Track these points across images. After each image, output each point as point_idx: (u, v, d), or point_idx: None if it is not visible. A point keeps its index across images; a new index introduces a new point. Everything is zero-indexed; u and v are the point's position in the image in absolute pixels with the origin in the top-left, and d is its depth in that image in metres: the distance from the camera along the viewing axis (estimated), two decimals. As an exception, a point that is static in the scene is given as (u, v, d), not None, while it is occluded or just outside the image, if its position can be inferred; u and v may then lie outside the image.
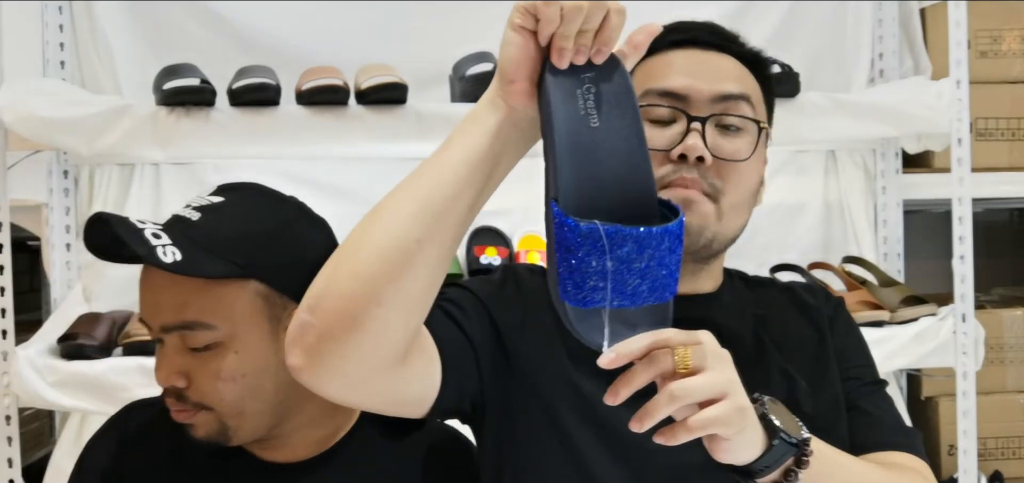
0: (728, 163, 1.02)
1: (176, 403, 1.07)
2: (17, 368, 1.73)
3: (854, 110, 2.03)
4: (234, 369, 1.05)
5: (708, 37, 1.09)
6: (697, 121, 1.01)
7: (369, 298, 0.83)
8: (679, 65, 1.06)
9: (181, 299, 1.04)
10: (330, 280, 0.86)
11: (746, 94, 1.05)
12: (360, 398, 0.93)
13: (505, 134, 0.86)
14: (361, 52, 2.01)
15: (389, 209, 0.86)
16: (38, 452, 2.42)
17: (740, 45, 1.10)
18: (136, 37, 2.07)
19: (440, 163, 0.86)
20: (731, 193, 1.03)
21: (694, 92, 1.03)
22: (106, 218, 1.02)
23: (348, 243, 0.87)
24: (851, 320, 1.18)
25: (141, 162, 2.00)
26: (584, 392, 1.01)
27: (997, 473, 2.16)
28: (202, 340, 1.04)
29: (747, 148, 1.04)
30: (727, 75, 1.06)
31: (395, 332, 0.86)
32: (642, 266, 0.77)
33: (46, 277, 2.02)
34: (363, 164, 2.00)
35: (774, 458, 0.85)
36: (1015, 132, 2.21)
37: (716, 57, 1.08)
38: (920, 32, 2.24)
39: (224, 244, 1.05)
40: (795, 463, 0.86)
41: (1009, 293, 2.56)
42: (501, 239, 2.08)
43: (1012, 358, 2.23)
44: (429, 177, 0.86)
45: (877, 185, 2.19)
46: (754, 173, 1.07)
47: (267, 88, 1.86)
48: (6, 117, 1.79)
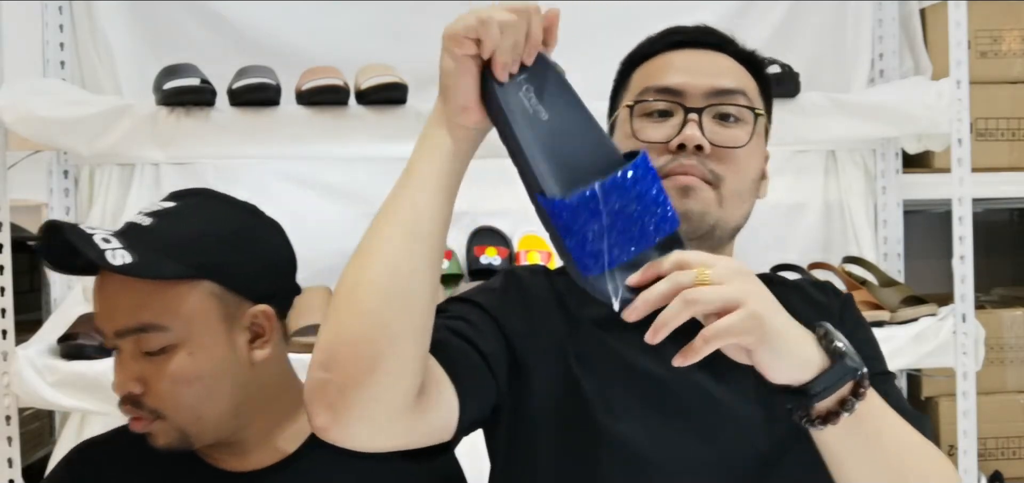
0: (727, 150, 1.04)
1: (133, 410, 1.06)
2: (17, 368, 1.73)
3: (854, 110, 2.03)
4: (190, 371, 1.05)
5: (705, 38, 1.11)
6: (693, 112, 1.03)
7: (382, 336, 0.84)
8: (676, 64, 1.08)
9: (134, 302, 1.04)
10: (338, 330, 0.86)
11: (742, 88, 1.07)
12: (390, 439, 0.91)
13: (463, 151, 0.91)
14: (361, 52, 2.01)
15: (378, 247, 0.88)
16: (38, 452, 2.42)
17: (736, 46, 1.12)
18: (136, 37, 2.07)
19: (414, 191, 0.89)
20: (731, 180, 1.04)
21: (690, 87, 1.05)
22: (58, 226, 1.02)
23: (345, 290, 0.87)
24: (860, 315, 1.19)
25: (141, 162, 2.00)
26: None
27: (997, 473, 2.16)
28: (156, 343, 1.04)
29: (745, 135, 1.05)
30: (723, 71, 1.08)
31: (412, 360, 0.87)
32: (637, 208, 0.82)
33: (46, 277, 2.03)
34: (363, 164, 2.00)
35: (832, 380, 0.83)
36: (1015, 132, 2.21)
37: (713, 55, 1.09)
38: (920, 32, 2.23)
39: (176, 247, 1.05)
40: (853, 391, 0.84)
41: (1009, 293, 2.56)
42: (501, 239, 2.08)
43: (1012, 358, 2.23)
44: (407, 207, 0.88)
45: (877, 185, 2.19)
46: (754, 162, 1.08)
47: (267, 88, 1.86)
48: (6, 117, 1.79)
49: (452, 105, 0.88)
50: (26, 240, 2.00)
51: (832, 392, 0.84)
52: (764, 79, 1.13)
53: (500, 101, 0.86)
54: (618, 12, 2.03)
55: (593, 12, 2.02)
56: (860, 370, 0.84)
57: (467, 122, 0.89)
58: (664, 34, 1.12)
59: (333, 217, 2.03)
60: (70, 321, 1.84)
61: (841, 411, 0.84)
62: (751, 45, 1.14)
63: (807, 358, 0.84)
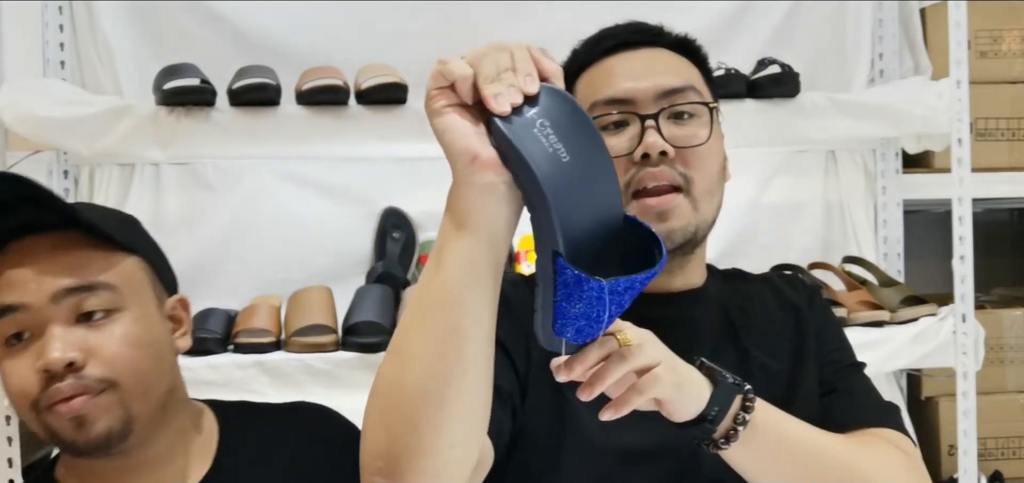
0: (690, 150, 1.04)
1: (74, 385, 0.95)
2: (17, 368, 1.73)
3: (854, 110, 2.03)
4: (136, 335, 0.99)
5: (637, 36, 1.11)
6: (649, 119, 1.03)
7: (439, 439, 0.79)
8: (618, 70, 1.08)
9: (76, 261, 0.98)
10: (391, 439, 0.80)
11: (689, 83, 1.07)
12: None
13: (492, 213, 0.77)
14: (361, 52, 2.01)
15: (414, 353, 0.79)
16: (38, 452, 2.42)
17: (667, 35, 1.12)
18: (136, 37, 2.06)
19: (446, 289, 0.78)
20: (699, 179, 1.05)
21: (639, 93, 1.05)
22: (16, 178, 0.97)
23: (391, 399, 0.80)
24: (827, 306, 1.22)
25: (141, 162, 2.00)
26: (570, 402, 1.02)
27: (997, 473, 2.16)
28: (101, 303, 0.98)
29: (704, 130, 1.06)
30: (667, 69, 1.08)
31: (474, 441, 0.84)
32: (626, 301, 0.78)
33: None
34: (363, 164, 2.00)
35: (720, 400, 0.90)
36: (1015, 132, 2.21)
37: (649, 54, 1.09)
38: (920, 32, 2.23)
39: (112, 219, 1.03)
40: (742, 406, 0.91)
41: (1009, 293, 2.56)
42: (501, 239, 2.08)
43: (1012, 358, 2.23)
44: (441, 307, 0.78)
45: (877, 185, 2.19)
46: (716, 154, 1.08)
47: (267, 88, 1.86)
48: (6, 117, 1.79)
49: (460, 162, 0.75)
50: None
51: (725, 413, 0.91)
52: (703, 61, 1.14)
53: (507, 138, 0.74)
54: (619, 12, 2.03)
55: (593, 12, 2.02)
56: (743, 385, 0.92)
57: (484, 174, 0.75)
58: (597, 40, 1.12)
59: (333, 217, 2.03)
60: (70, 321, 1.84)
61: (737, 426, 0.91)
62: (751, 45, 1.14)
63: (699, 392, 0.90)
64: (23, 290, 0.96)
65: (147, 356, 0.99)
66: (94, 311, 0.98)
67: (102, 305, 0.98)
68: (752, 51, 2.10)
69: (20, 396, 0.97)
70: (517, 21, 2.11)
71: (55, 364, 0.94)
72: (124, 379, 0.98)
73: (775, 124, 2.00)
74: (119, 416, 0.98)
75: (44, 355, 0.95)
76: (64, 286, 0.96)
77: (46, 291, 0.96)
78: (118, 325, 0.98)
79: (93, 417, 0.96)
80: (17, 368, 0.97)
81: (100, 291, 0.98)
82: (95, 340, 0.97)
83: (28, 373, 0.96)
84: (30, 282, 0.96)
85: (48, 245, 0.98)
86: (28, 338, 0.97)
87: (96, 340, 0.97)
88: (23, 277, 0.96)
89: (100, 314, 0.98)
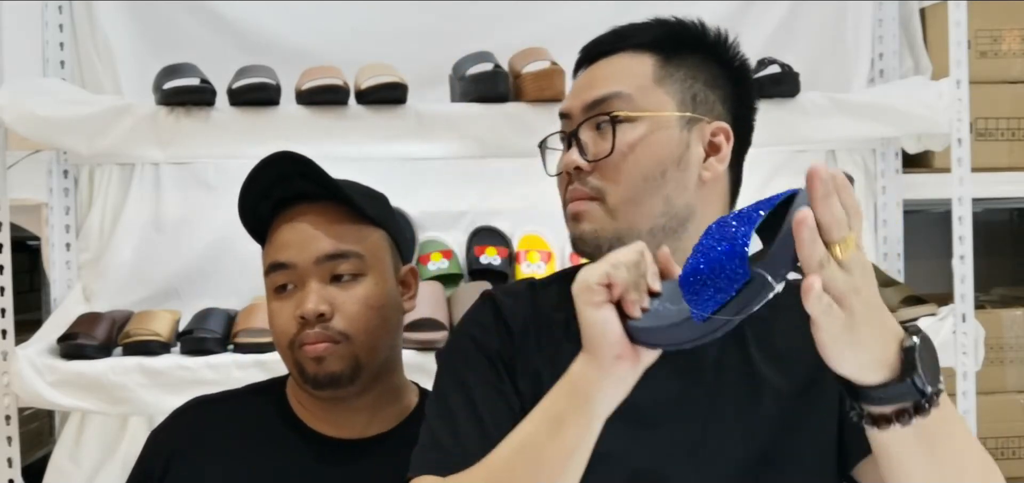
0: (604, 162, 1.02)
1: (320, 333, 1.16)
2: (17, 368, 1.73)
3: (854, 110, 2.03)
4: (374, 297, 1.19)
5: (597, 49, 1.09)
6: (572, 136, 1.05)
7: None
8: (572, 87, 1.10)
9: (336, 232, 1.19)
10: None
11: (616, 91, 1.03)
12: None
13: (614, 398, 0.88)
14: (361, 52, 2.01)
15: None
16: (38, 452, 2.42)
17: (630, 36, 1.08)
18: (136, 37, 2.07)
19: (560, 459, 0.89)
20: (613, 190, 1.02)
21: (573, 109, 1.06)
22: (294, 156, 1.19)
23: None
24: None
25: (141, 162, 2.01)
26: None
27: (997, 473, 2.16)
28: (351, 268, 1.18)
29: (607, 144, 1.02)
30: (601, 80, 1.05)
31: None
32: None
33: (46, 277, 2.02)
34: (363, 164, 1.99)
35: (891, 394, 0.81)
36: (1015, 132, 2.21)
37: (600, 65, 1.07)
38: (920, 32, 2.24)
39: (365, 196, 1.23)
40: (912, 409, 0.81)
41: (1009, 293, 2.56)
42: (501, 239, 2.08)
43: (1012, 358, 2.23)
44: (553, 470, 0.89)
45: (877, 185, 2.19)
46: (637, 162, 1.02)
47: (267, 88, 1.87)
48: (6, 117, 1.79)
49: (606, 356, 0.85)
50: (26, 240, 2.00)
51: (888, 404, 0.82)
52: (670, 44, 1.07)
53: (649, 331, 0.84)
54: (619, 12, 2.03)
55: (593, 12, 2.02)
56: (925, 396, 0.81)
57: (621, 370, 0.86)
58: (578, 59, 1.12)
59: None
60: (70, 321, 1.84)
61: (894, 421, 0.82)
62: (751, 45, 1.12)
63: (877, 361, 0.81)
64: (293, 250, 1.19)
65: (379, 316, 1.19)
66: (343, 274, 1.18)
67: (351, 269, 1.19)
68: (752, 51, 2.08)
69: (281, 334, 1.19)
70: (517, 21, 2.11)
71: (310, 314, 1.16)
72: (356, 333, 1.18)
73: (775, 124, 2.00)
74: (348, 364, 1.17)
75: (303, 305, 1.16)
76: (325, 251, 1.18)
77: (310, 255, 1.18)
78: (360, 287, 1.19)
79: (327, 359, 1.17)
80: (282, 311, 1.19)
81: (351, 258, 1.19)
82: (341, 298, 1.18)
83: (289, 318, 1.18)
84: (299, 245, 1.18)
85: (314, 214, 1.19)
86: (291, 289, 1.19)
87: (342, 298, 1.18)
88: (295, 240, 1.19)
89: (348, 277, 1.18)
